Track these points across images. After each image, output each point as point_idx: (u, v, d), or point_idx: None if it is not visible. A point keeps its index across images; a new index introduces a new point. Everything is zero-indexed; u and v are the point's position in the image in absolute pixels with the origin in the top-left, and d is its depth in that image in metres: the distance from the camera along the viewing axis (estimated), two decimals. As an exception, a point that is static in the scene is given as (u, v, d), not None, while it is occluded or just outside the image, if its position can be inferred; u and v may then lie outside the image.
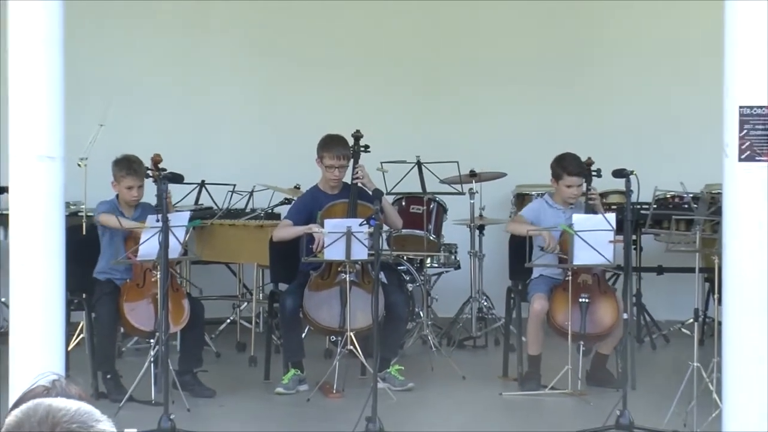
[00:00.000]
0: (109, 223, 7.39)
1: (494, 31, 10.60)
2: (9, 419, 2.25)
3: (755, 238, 5.97)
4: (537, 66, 10.53)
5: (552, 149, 7.94)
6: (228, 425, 6.40)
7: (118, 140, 8.21)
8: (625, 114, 10.15)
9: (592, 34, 10.52)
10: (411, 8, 10.59)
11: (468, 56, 10.57)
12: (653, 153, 9.03)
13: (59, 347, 5.90)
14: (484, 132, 10.21)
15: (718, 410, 6.14)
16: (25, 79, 5.81)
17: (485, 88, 10.52)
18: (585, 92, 10.38)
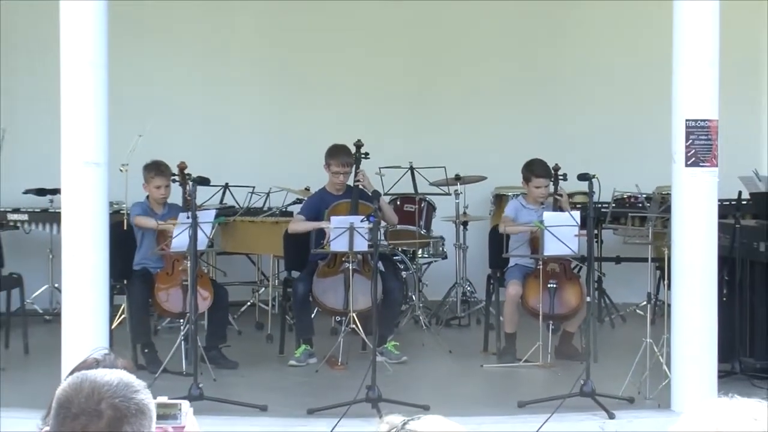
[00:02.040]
0: (145, 224, 7.43)
1: (474, 56, 10.58)
2: (59, 392, 2.26)
3: (699, 232, 5.98)
4: (512, 85, 10.54)
5: (525, 156, 7.93)
6: (248, 393, 6.39)
7: (154, 149, 8.19)
8: (588, 126, 10.14)
9: (559, 58, 10.49)
10: (404, 39, 10.61)
11: (452, 77, 10.56)
12: (612, 159, 9.02)
13: (104, 326, 5.91)
14: (467, 141, 10.20)
15: (668, 380, 6.17)
16: (75, 96, 5.82)
17: (468, 105, 10.51)
18: (553, 108, 10.36)
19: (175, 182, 7.60)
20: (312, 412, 5.98)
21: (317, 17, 10.54)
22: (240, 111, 10.52)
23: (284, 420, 5.98)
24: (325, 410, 5.93)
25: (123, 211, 8.03)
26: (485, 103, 10.50)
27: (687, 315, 5.94)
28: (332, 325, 8.23)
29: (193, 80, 10.47)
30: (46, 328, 8.23)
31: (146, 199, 7.61)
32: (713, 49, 5.89)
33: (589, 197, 6.72)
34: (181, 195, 7.64)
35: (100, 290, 5.88)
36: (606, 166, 7.50)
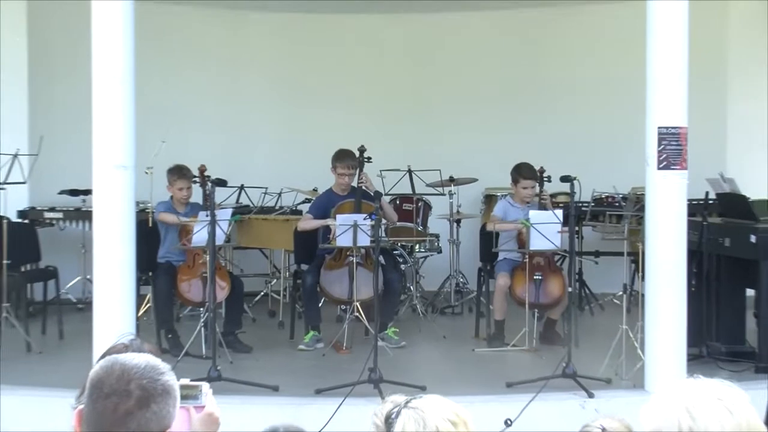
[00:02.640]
0: (168, 219, 7.45)
1: (467, 70, 10.58)
2: (92, 374, 2.26)
3: (671, 229, 5.98)
4: (501, 96, 10.54)
5: (513, 160, 7.94)
6: (261, 375, 6.39)
7: (176, 154, 8.19)
8: (569, 133, 10.14)
9: (543, 72, 10.49)
10: (403, 53, 10.66)
11: (447, 89, 10.57)
12: (591, 163, 9.02)
13: (131, 314, 5.92)
14: (459, 147, 10.21)
15: (642, 362, 6.18)
16: (106, 105, 5.82)
17: (461, 113, 10.52)
18: (538, 116, 10.37)
19: (196, 183, 7.61)
20: (319, 392, 5.98)
21: (324, 33, 10.60)
22: (254, 119, 10.56)
23: (294, 399, 5.98)
24: (332, 390, 5.93)
25: (148, 210, 8.05)
26: (477, 113, 10.51)
27: (659, 304, 5.95)
28: (338, 313, 8.24)
29: (212, 91, 10.49)
30: (79, 315, 8.24)
31: (170, 199, 7.63)
32: (683, 63, 5.90)
33: (570, 197, 6.71)
34: (201, 195, 7.65)
35: (127, 281, 5.88)
36: (586, 169, 7.49)
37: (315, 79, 10.64)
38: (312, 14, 10.41)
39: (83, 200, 8.67)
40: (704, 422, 2.23)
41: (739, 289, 7.17)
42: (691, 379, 2.36)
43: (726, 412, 2.24)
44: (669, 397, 2.31)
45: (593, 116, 10.17)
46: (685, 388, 2.32)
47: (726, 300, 7.03)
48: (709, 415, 2.24)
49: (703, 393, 2.28)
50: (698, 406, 2.26)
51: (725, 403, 2.26)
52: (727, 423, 2.22)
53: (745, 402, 2.29)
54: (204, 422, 2.99)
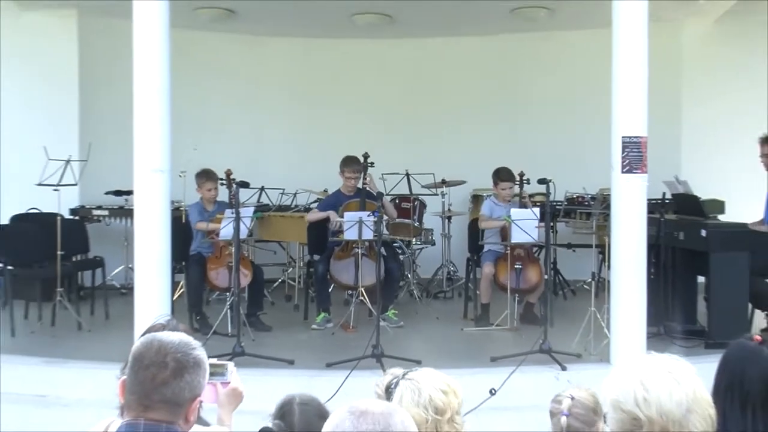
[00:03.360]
0: (202, 228, 7.52)
1: (456, 87, 10.58)
2: (134, 349, 2.28)
3: (633, 225, 5.99)
4: (486, 110, 10.55)
5: (496, 165, 7.94)
6: (279, 350, 6.41)
7: (205, 159, 8.22)
8: (545, 141, 10.14)
9: (523, 88, 10.52)
10: (401, 73, 10.66)
11: (439, 104, 10.60)
12: (564, 167, 9.00)
13: (167, 298, 5.94)
14: (450, 153, 10.20)
15: (607, 340, 6.20)
16: (145, 117, 5.85)
17: (451, 124, 10.54)
18: (518, 127, 10.39)
19: (222, 185, 7.64)
20: (329, 366, 6.00)
21: (333, 55, 10.60)
22: (273, 129, 10.58)
23: (307, 371, 5.99)
24: (340, 364, 5.94)
25: (181, 208, 8.06)
26: (465, 124, 10.52)
27: (623, 289, 5.96)
28: (345, 298, 8.24)
29: (237, 104, 10.51)
30: (122, 299, 8.25)
31: (200, 200, 7.65)
32: (643, 81, 5.91)
33: (546, 197, 6.74)
34: (227, 195, 7.67)
35: (164, 270, 5.91)
36: (559, 173, 7.50)
37: (325, 94, 10.65)
38: (322, 39, 10.42)
39: (125, 200, 8.69)
40: (656, 392, 2.24)
41: (692, 276, 7.18)
42: (645, 354, 2.37)
43: (675, 382, 2.25)
44: (625, 371, 2.32)
45: (565, 127, 10.18)
46: (639, 362, 2.33)
47: (680, 286, 7.05)
48: (659, 385, 2.24)
49: (654, 367, 2.29)
50: (650, 378, 2.27)
51: (674, 375, 2.27)
52: (675, 392, 2.23)
53: (691, 374, 2.30)
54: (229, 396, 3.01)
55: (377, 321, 6.30)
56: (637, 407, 2.22)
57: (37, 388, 6.10)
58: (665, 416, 2.19)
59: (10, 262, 7.58)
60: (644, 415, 2.21)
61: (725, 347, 3.20)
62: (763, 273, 6.83)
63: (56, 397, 5.99)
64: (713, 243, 6.60)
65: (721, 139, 9.88)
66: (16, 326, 7.34)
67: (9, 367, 6.32)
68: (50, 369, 6.24)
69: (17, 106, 9.43)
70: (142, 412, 2.17)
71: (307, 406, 2.93)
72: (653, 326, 6.41)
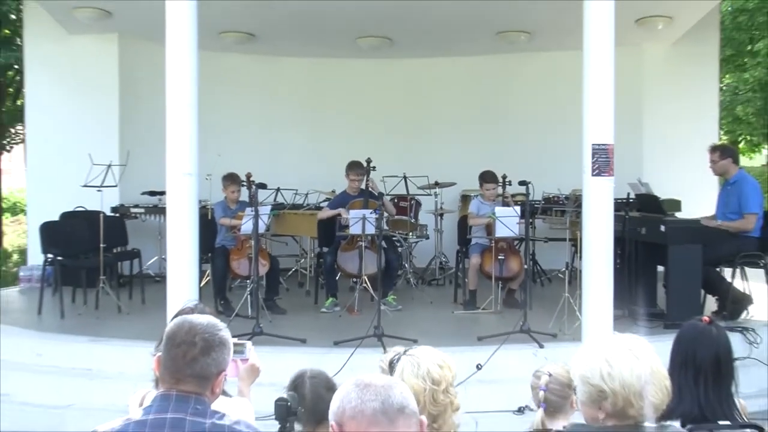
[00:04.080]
0: (225, 223, 7.54)
1: (448, 100, 10.60)
2: (167, 329, 2.28)
3: (601, 221, 5.98)
4: (474, 119, 10.55)
5: (483, 168, 7.93)
6: (293, 330, 6.41)
7: (228, 164, 8.22)
8: (526, 148, 10.13)
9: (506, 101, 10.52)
10: (400, 88, 10.64)
11: (433, 115, 10.61)
12: (542, 170, 8.98)
13: (195, 285, 5.91)
14: (442, 158, 10.17)
15: (579, 321, 6.18)
16: (176, 126, 5.83)
17: (443, 133, 10.53)
18: (502, 135, 10.36)
19: (243, 186, 7.61)
20: (337, 344, 5.99)
21: (339, 72, 10.60)
22: (287, 137, 10.56)
23: (318, 349, 5.99)
24: (346, 342, 5.94)
25: (208, 207, 8.06)
26: (455, 133, 10.51)
27: (592, 277, 5.94)
28: (350, 284, 8.24)
29: (255, 116, 10.52)
30: (156, 286, 8.26)
31: (224, 199, 7.65)
32: (610, 96, 5.87)
33: (526, 197, 6.73)
34: (248, 195, 7.66)
35: (192, 260, 5.88)
36: (538, 175, 7.48)
37: (332, 107, 10.65)
38: (330, 59, 10.41)
39: (159, 199, 8.69)
40: (618, 368, 2.24)
41: (652, 266, 7.18)
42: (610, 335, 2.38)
43: (635, 359, 2.26)
44: (592, 350, 2.33)
45: (543, 135, 10.17)
46: (604, 342, 2.34)
47: (642, 274, 7.05)
48: (622, 362, 2.25)
49: (617, 345, 2.30)
50: (614, 355, 2.28)
51: (634, 353, 2.27)
52: (635, 367, 2.24)
53: (649, 351, 2.31)
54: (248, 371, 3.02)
55: (378, 305, 6.30)
56: (603, 381, 2.23)
57: (84, 362, 6.12)
58: (627, 388, 2.21)
59: (60, 253, 7.58)
60: (609, 388, 2.22)
61: (680, 327, 3.21)
62: (713, 263, 6.83)
63: (100, 371, 6.01)
64: (671, 237, 6.60)
65: (677, 147, 9.91)
66: (65, 309, 7.37)
67: (59, 345, 6.35)
68: (95, 346, 6.25)
69: (66, 118, 9.47)
70: (174, 385, 2.18)
71: (317, 379, 2.93)
72: (619, 309, 6.41)
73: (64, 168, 8.90)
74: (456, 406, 2.57)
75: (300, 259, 9.46)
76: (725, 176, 7.19)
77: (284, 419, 2.27)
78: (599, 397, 2.23)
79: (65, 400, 5.77)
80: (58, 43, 9.34)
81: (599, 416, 2.25)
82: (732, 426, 2.85)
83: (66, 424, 5.52)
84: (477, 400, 5.31)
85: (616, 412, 2.22)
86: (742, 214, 6.87)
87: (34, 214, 9.25)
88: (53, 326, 6.96)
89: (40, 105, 9.57)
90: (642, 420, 2.24)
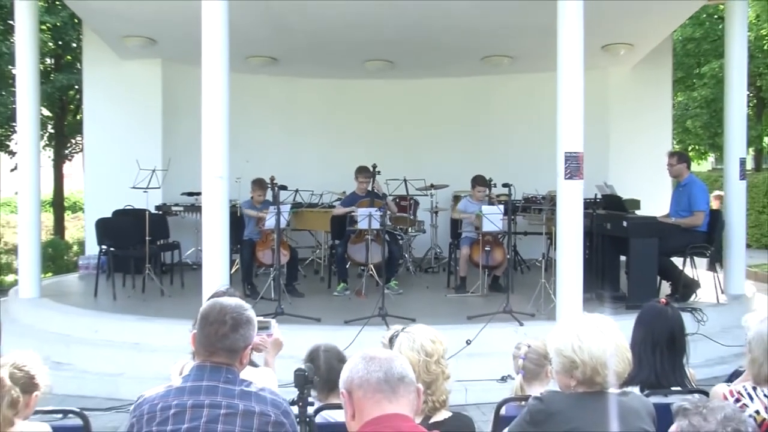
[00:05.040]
0: (250, 213, 7.53)
1: (442, 114, 10.56)
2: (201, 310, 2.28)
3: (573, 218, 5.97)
4: (464, 131, 10.50)
5: (471, 173, 7.93)
6: (310, 310, 6.41)
7: (255, 168, 8.23)
8: (508, 155, 10.08)
9: (491, 115, 10.48)
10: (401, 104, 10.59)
11: (429, 127, 10.56)
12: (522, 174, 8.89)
13: (226, 272, 5.92)
14: (437, 164, 10.13)
15: (553, 303, 6.18)
16: (210, 136, 5.83)
17: (438, 142, 10.47)
18: (488, 144, 10.32)
19: (268, 188, 7.61)
20: (347, 322, 5.98)
21: (350, 91, 10.57)
22: (305, 146, 10.52)
23: (331, 327, 5.98)
24: (355, 321, 5.93)
25: (237, 205, 8.05)
26: (447, 142, 10.45)
27: (565, 266, 5.94)
28: (358, 272, 8.23)
29: (278, 128, 10.49)
30: (193, 273, 8.28)
31: (251, 198, 7.65)
32: (580, 111, 5.87)
33: (508, 197, 6.71)
34: (271, 195, 7.66)
35: (223, 251, 5.88)
36: (519, 178, 7.46)
37: (343, 120, 10.62)
38: (342, 79, 10.38)
39: (195, 199, 8.68)
40: (587, 342, 2.25)
41: (616, 256, 7.15)
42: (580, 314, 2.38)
43: (601, 334, 2.26)
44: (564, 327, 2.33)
45: (523, 144, 10.11)
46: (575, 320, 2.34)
47: (607, 263, 7.03)
48: (590, 337, 2.25)
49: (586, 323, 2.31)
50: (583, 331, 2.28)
51: (601, 329, 2.28)
52: (601, 341, 2.24)
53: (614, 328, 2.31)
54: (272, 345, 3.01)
55: (382, 289, 6.29)
56: (574, 353, 2.23)
57: (133, 337, 6.13)
58: (594, 359, 2.21)
59: (112, 245, 7.59)
60: (579, 359, 2.23)
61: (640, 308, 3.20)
62: (667, 253, 6.82)
63: (146, 345, 6.01)
64: (632, 231, 6.59)
65: (637, 155, 9.90)
66: (117, 293, 7.38)
67: (112, 323, 6.36)
68: (141, 324, 6.25)
69: (117, 130, 9.49)
70: (208, 357, 2.17)
71: (330, 353, 2.93)
72: (587, 293, 6.40)
73: (116, 172, 8.90)
74: (447, 375, 2.57)
75: (316, 250, 9.45)
76: (678, 179, 7.17)
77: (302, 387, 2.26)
78: (571, 367, 2.24)
79: (118, 369, 5.78)
80: (111, 67, 9.36)
81: (571, 383, 2.25)
82: (682, 391, 2.85)
83: (119, 389, 5.54)
84: (466, 370, 5.33)
85: (585, 380, 2.23)
86: (692, 212, 6.86)
87: (90, 211, 9.26)
88: (107, 307, 6.97)
89: (96, 119, 9.59)
90: (607, 387, 2.24)
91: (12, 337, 5.76)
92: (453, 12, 7.40)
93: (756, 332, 2.58)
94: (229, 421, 2.06)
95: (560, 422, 2.18)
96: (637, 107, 10.04)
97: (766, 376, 2.53)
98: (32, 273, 7.34)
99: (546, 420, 2.20)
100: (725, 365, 5.33)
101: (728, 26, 7.59)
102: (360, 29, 8.10)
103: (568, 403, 2.22)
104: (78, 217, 15.52)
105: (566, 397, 2.24)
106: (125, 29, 8.27)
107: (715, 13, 14.17)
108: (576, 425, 2.16)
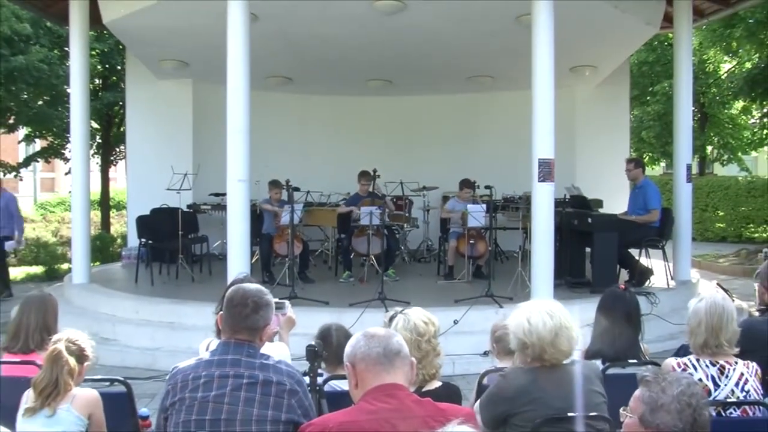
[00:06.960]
0: (267, 208, 7.50)
1: (433, 125, 10.51)
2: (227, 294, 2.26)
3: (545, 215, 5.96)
4: (452, 140, 10.45)
5: (458, 176, 7.91)
6: (319, 295, 6.40)
7: (272, 172, 8.21)
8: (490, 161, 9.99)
9: (476, 126, 10.45)
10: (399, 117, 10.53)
11: (422, 136, 10.50)
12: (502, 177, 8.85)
13: (247, 261, 5.90)
14: (429, 168, 10.04)
15: (528, 288, 6.16)
16: (234, 144, 5.81)
17: (429, 150, 10.41)
18: (472, 152, 10.27)
19: (283, 189, 7.58)
20: (352, 305, 5.96)
21: (354, 107, 10.51)
22: (315, 153, 10.45)
23: (337, 309, 5.96)
24: (358, 304, 5.92)
25: (256, 204, 8.03)
26: (438, 150, 10.39)
27: (539, 256, 5.93)
28: (361, 262, 8.21)
29: (292, 138, 10.42)
30: (220, 263, 8.27)
31: (269, 197, 7.62)
32: (551, 124, 5.84)
33: (490, 197, 6.71)
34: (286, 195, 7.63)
35: (245, 244, 5.87)
36: (499, 181, 7.46)
37: (349, 131, 10.56)
38: (347, 96, 10.32)
39: (221, 199, 8.62)
40: (535, 323, 2.25)
41: (582, 247, 7.15)
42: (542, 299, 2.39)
43: (548, 317, 2.25)
44: (519, 311, 2.33)
45: (503, 152, 10.03)
46: (527, 305, 2.35)
47: (574, 254, 7.04)
48: (537, 319, 2.25)
49: (535, 307, 2.31)
50: (532, 314, 2.28)
51: (548, 312, 2.27)
52: (548, 323, 2.24)
53: (561, 310, 2.31)
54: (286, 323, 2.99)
55: (382, 277, 6.30)
56: (524, 335, 2.24)
57: (168, 317, 6.13)
58: (541, 340, 2.21)
59: (150, 238, 7.59)
60: (528, 340, 2.23)
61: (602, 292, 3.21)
62: (626, 245, 6.82)
63: (180, 324, 6.01)
64: (596, 226, 6.60)
65: (599, 161, 9.87)
66: (154, 279, 7.38)
67: (150, 305, 6.35)
68: (176, 306, 6.24)
69: (155, 140, 9.46)
70: (232, 335, 2.17)
71: (339, 331, 2.92)
72: (558, 279, 6.40)
73: (154, 176, 8.87)
74: (438, 351, 2.57)
75: (324, 242, 9.42)
76: (635, 181, 7.17)
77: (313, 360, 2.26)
78: (523, 347, 2.25)
79: (155, 344, 5.79)
80: (150, 86, 9.34)
81: (527, 360, 2.26)
82: (638, 363, 2.86)
83: (156, 361, 5.55)
84: (454, 346, 5.32)
85: (535, 357, 2.23)
86: (648, 210, 6.85)
87: (132, 209, 9.23)
88: (146, 291, 6.96)
89: (137, 131, 9.58)
90: (556, 362, 2.22)
91: (66, 317, 5.70)
92: (442, 36, 7.39)
93: (693, 309, 2.62)
94: (251, 389, 2.07)
95: (522, 394, 2.18)
96: (600, 120, 10.04)
97: (700, 344, 2.54)
98: (83, 262, 7.36)
99: (512, 396, 2.20)
100: (674, 341, 5.32)
101: (676, 52, 7.59)
102: (363, 52, 8.09)
103: (527, 377, 2.21)
104: (121, 214, 15.49)
105: (525, 372, 2.25)
106: (161, 54, 8.27)
107: (666, 41, 14.18)
108: (537, 395, 2.16)
